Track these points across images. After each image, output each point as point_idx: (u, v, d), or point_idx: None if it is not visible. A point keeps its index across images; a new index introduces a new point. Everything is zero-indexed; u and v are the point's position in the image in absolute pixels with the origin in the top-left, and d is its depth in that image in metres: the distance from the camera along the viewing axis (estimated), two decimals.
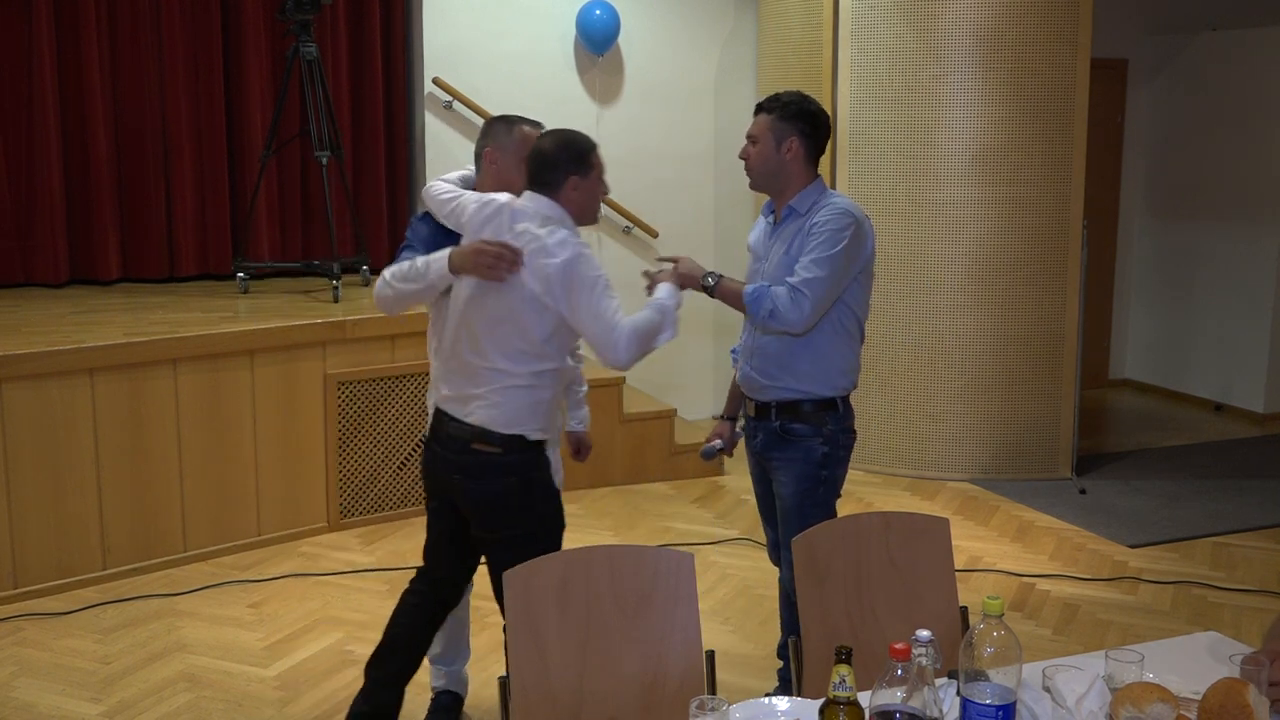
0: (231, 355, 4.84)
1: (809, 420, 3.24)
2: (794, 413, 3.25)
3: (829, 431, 3.24)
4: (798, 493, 3.25)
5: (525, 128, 3.25)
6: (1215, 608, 4.52)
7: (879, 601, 2.57)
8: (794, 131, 3.21)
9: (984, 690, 1.90)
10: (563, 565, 2.36)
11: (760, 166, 3.27)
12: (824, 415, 3.24)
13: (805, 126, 3.22)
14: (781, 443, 3.27)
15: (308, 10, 5.41)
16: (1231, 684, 1.95)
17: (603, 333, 2.90)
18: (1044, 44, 5.82)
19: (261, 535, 5.01)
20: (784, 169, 3.24)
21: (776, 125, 3.22)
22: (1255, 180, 7.25)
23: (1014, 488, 5.89)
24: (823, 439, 3.23)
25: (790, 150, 3.22)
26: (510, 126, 3.26)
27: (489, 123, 3.34)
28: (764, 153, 3.24)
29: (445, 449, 3.05)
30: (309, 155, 6.00)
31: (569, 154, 3.01)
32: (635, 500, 5.71)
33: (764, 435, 3.32)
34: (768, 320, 3.13)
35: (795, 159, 3.23)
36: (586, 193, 3.03)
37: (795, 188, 3.25)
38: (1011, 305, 5.96)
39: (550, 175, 2.99)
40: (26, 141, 5.66)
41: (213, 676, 3.86)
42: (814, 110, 3.25)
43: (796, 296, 3.08)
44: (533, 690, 2.26)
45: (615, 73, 6.74)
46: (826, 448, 3.24)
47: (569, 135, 3.05)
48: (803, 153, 3.23)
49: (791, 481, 3.26)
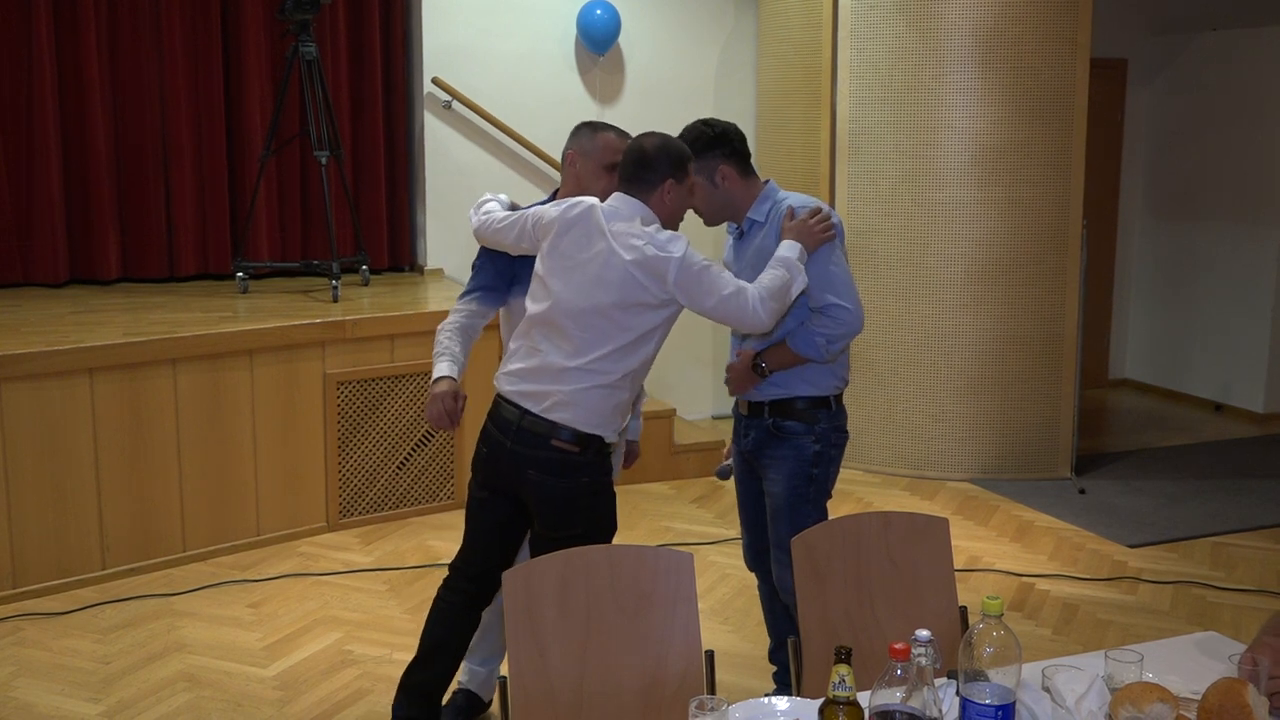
0: (231, 355, 4.84)
1: (802, 418, 3.24)
2: (787, 411, 3.25)
3: (821, 430, 3.24)
4: (789, 490, 3.24)
5: (610, 134, 3.25)
6: (1215, 608, 4.52)
7: (878, 601, 2.57)
8: (717, 159, 3.19)
9: (983, 690, 1.90)
10: (563, 565, 2.36)
11: (709, 208, 3.26)
12: (816, 413, 3.24)
13: (724, 149, 3.20)
14: (773, 441, 3.27)
15: (307, 10, 5.41)
16: (1231, 684, 1.95)
17: (736, 307, 2.91)
18: (1044, 44, 5.82)
19: (261, 535, 5.01)
20: (729, 196, 3.23)
21: (700, 165, 3.16)
22: (1255, 180, 7.25)
23: (1014, 488, 5.89)
24: (814, 437, 3.23)
25: (724, 177, 3.20)
26: (595, 132, 3.26)
27: (576, 127, 3.33)
28: (704, 193, 3.21)
29: (517, 442, 2.99)
30: (309, 155, 6.00)
31: (669, 157, 2.98)
32: (635, 500, 5.71)
33: (755, 433, 3.31)
34: (831, 346, 3.13)
35: (733, 181, 3.22)
36: (678, 200, 3.01)
37: (747, 203, 3.24)
38: (1011, 305, 5.96)
39: (648, 175, 2.97)
40: (26, 141, 5.66)
41: (212, 676, 3.86)
42: (720, 130, 3.22)
43: (833, 311, 3.11)
44: (533, 690, 2.26)
45: (616, 72, 6.74)
46: (818, 446, 3.24)
47: (670, 139, 3.04)
48: (735, 171, 3.22)
49: (782, 479, 3.25)
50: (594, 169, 3.20)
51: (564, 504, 3.00)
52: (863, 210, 6.01)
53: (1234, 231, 7.40)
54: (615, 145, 3.20)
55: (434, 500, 5.46)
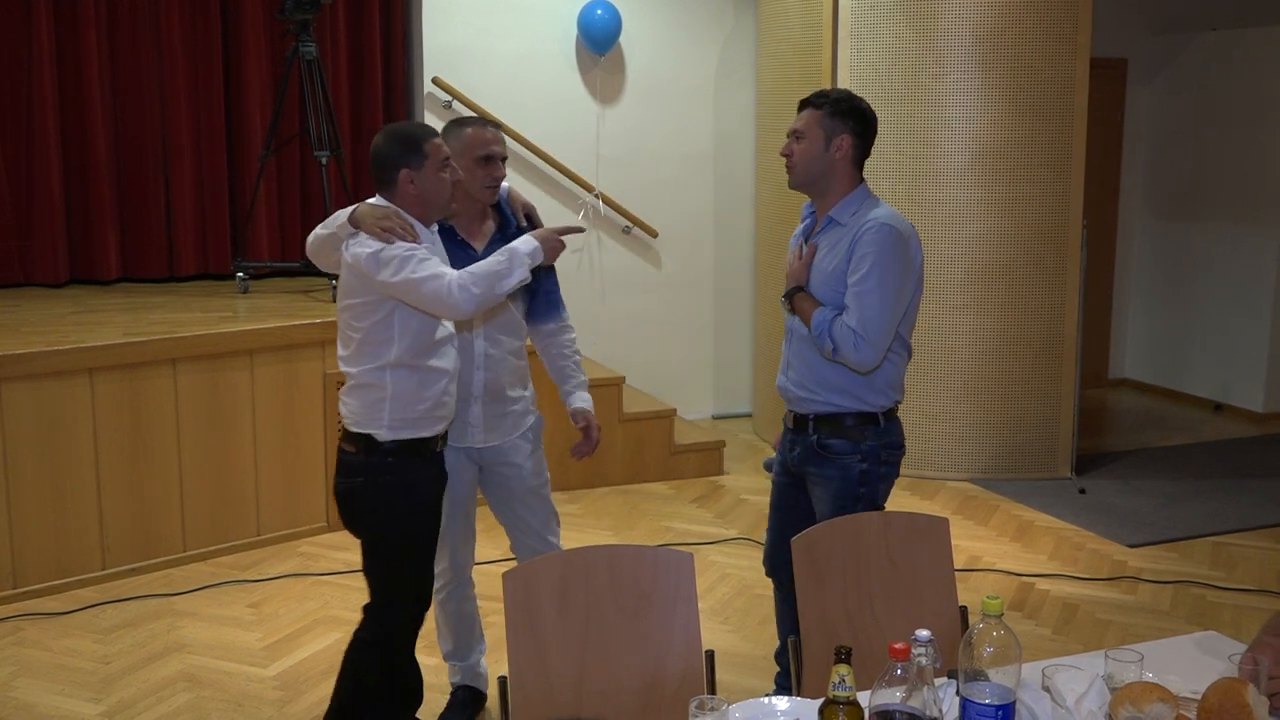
0: (231, 355, 4.84)
1: (848, 435, 3.08)
2: (832, 427, 3.09)
3: (868, 448, 3.07)
4: (834, 510, 3.07)
5: (472, 129, 3.19)
6: (1214, 607, 4.52)
7: (879, 601, 2.57)
8: (845, 129, 3.02)
9: (983, 690, 1.90)
10: (563, 565, 2.36)
11: (806, 165, 3.05)
12: (864, 430, 3.08)
13: (857, 125, 3.04)
14: (818, 459, 3.12)
15: (307, 10, 5.41)
16: (1230, 683, 1.95)
17: (431, 292, 2.79)
18: (1044, 44, 5.82)
19: (261, 535, 5.01)
20: (831, 169, 3.04)
21: (826, 122, 3.01)
22: (1255, 180, 7.26)
23: (1014, 487, 5.89)
24: (861, 456, 3.07)
25: (840, 150, 3.02)
26: (460, 128, 3.20)
27: (444, 127, 3.26)
28: (811, 151, 3.03)
29: None
30: (309, 155, 6.00)
31: (395, 148, 2.92)
32: (635, 500, 5.71)
33: (801, 449, 3.17)
34: (834, 354, 3.01)
35: (844, 160, 3.04)
36: (425, 184, 2.92)
37: (839, 192, 3.06)
38: (1011, 305, 5.96)
39: (384, 174, 2.94)
40: (26, 141, 5.66)
41: (212, 676, 3.86)
42: (866, 109, 3.08)
43: (859, 343, 2.95)
44: (532, 690, 2.26)
45: (616, 72, 6.74)
46: (865, 465, 3.07)
47: (394, 128, 2.98)
48: (852, 153, 3.04)
49: (829, 499, 3.10)
50: (467, 165, 3.14)
51: (343, 504, 3.06)
52: None
53: (1234, 231, 7.40)
54: (484, 137, 3.15)
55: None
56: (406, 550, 3.04)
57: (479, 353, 3.27)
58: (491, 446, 3.35)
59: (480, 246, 3.24)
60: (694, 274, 6.98)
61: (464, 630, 3.57)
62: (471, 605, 3.57)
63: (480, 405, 3.30)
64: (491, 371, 3.29)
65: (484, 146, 3.15)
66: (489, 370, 3.28)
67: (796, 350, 3.17)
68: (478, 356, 3.27)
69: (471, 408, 3.29)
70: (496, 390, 3.31)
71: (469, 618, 3.57)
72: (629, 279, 6.82)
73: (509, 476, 3.39)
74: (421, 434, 3.00)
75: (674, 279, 6.90)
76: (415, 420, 2.98)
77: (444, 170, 2.94)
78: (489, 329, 3.28)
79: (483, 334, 3.27)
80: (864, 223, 3.01)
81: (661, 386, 6.64)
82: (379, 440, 2.97)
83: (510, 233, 3.27)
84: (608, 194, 6.71)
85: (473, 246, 3.24)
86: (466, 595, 3.53)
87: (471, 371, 3.26)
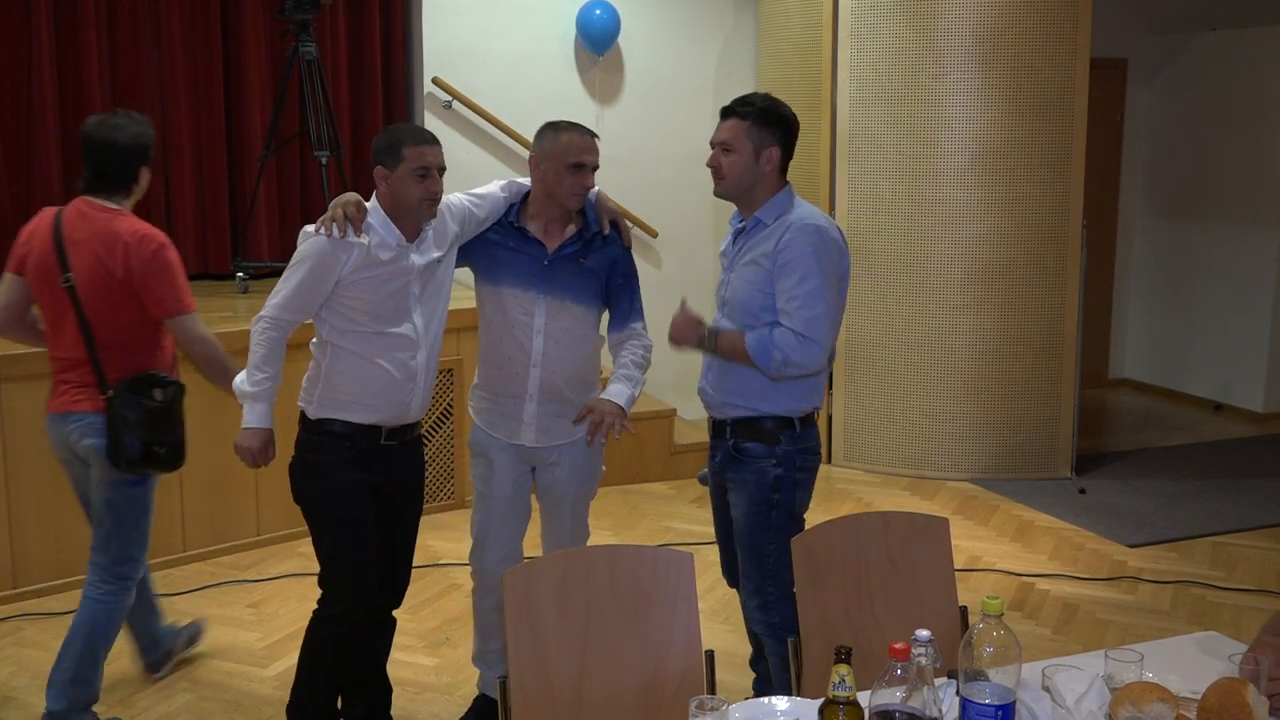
0: (231, 355, 4.82)
1: (763, 440, 3.06)
2: (749, 431, 3.07)
3: (783, 453, 3.05)
4: (749, 515, 3.09)
5: (572, 134, 3.17)
6: (1214, 607, 4.52)
7: (879, 601, 2.57)
8: (773, 140, 3.01)
9: (983, 690, 1.90)
10: (563, 565, 2.36)
11: (736, 178, 3.04)
12: (779, 435, 3.05)
13: (783, 135, 3.03)
14: (735, 463, 3.11)
15: (307, 10, 5.40)
16: (1231, 684, 1.95)
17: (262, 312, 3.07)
18: (1044, 44, 5.82)
19: (260, 535, 5.01)
20: (760, 180, 3.04)
21: (754, 132, 3.00)
22: (1255, 180, 7.26)
23: (1013, 487, 5.89)
24: (775, 460, 3.05)
25: (770, 162, 3.02)
26: (557, 132, 3.18)
27: (540, 129, 3.26)
28: (741, 163, 3.01)
29: None
30: (309, 155, 6.00)
31: (383, 145, 3.02)
32: (635, 500, 5.71)
33: (720, 454, 3.18)
34: (783, 368, 2.93)
35: (773, 170, 3.03)
36: (395, 184, 2.99)
37: (765, 197, 3.06)
38: (1011, 305, 5.96)
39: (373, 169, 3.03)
40: (26, 141, 5.65)
41: (213, 676, 3.86)
42: (789, 115, 3.07)
43: (804, 342, 2.91)
44: (532, 690, 2.26)
45: (615, 72, 6.74)
46: (780, 470, 3.05)
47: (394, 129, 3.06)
48: (779, 162, 3.04)
49: (743, 504, 3.11)
50: (557, 170, 3.14)
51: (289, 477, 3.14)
52: (862, 210, 6.01)
53: (1234, 231, 7.40)
54: (578, 144, 3.14)
55: (434, 500, 5.45)
56: (333, 531, 3.08)
57: (537, 350, 3.21)
58: (543, 447, 3.30)
59: (552, 246, 3.21)
60: (694, 274, 6.97)
61: (489, 639, 3.46)
62: (497, 617, 3.40)
63: (535, 404, 3.24)
64: (549, 370, 3.22)
65: (577, 154, 3.14)
66: (546, 369, 3.22)
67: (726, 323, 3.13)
68: (535, 354, 3.21)
69: (526, 405, 3.24)
70: (553, 390, 3.24)
71: (493, 629, 3.42)
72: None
73: (554, 480, 3.35)
74: (351, 418, 3.04)
75: (674, 279, 6.89)
76: (343, 403, 3.04)
77: (418, 179, 2.97)
78: (550, 327, 3.21)
79: (544, 331, 3.20)
80: (788, 224, 3.00)
81: (661, 386, 6.63)
82: (309, 417, 3.07)
83: (589, 236, 3.25)
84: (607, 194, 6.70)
85: (543, 244, 3.21)
86: (494, 605, 3.37)
87: (528, 369, 3.22)
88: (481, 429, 3.34)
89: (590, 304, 3.27)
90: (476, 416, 3.37)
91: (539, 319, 3.19)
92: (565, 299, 3.21)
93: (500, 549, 3.36)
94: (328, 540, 3.11)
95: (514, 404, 3.24)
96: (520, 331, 3.20)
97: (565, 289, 3.21)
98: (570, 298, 3.21)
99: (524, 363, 3.21)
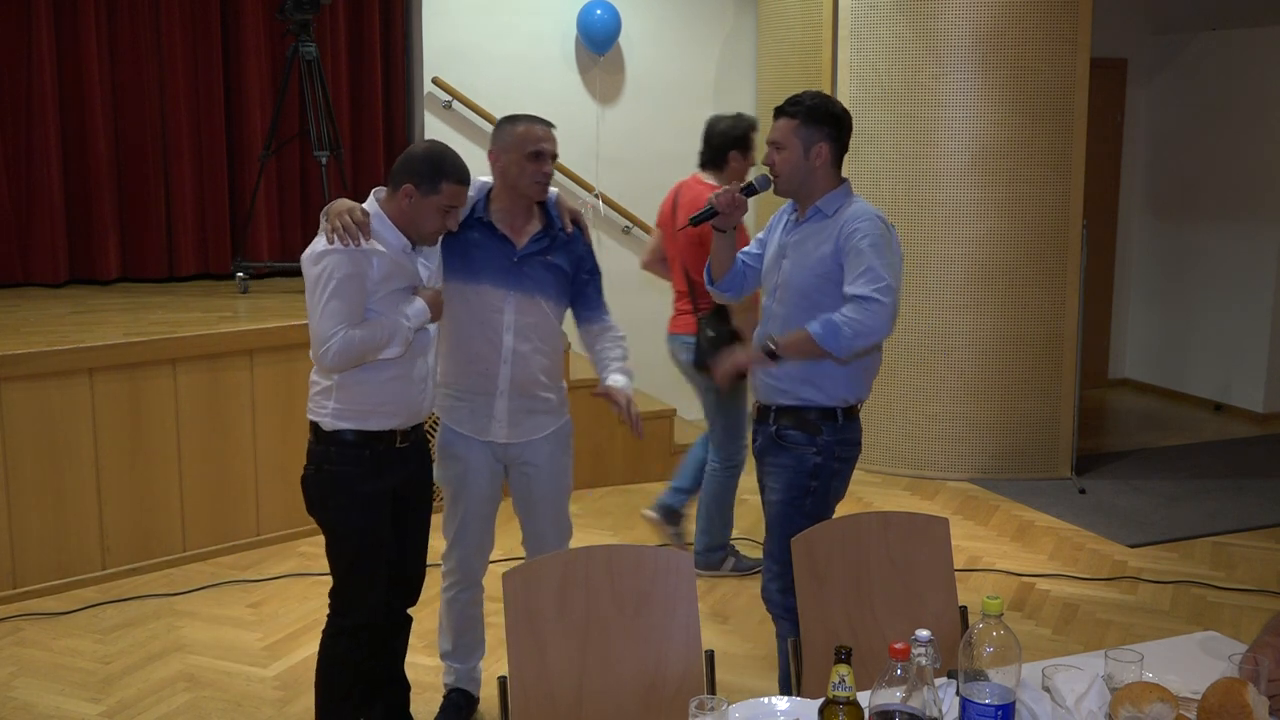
0: (231, 355, 4.83)
1: (806, 428, 3.14)
2: (792, 419, 3.16)
3: (824, 442, 3.13)
4: (784, 500, 3.17)
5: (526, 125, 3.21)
6: (1214, 607, 4.52)
7: (879, 601, 2.57)
8: (821, 136, 3.11)
9: (983, 690, 1.90)
10: (563, 565, 2.36)
11: (790, 174, 3.14)
12: (822, 425, 3.13)
13: (832, 130, 3.12)
14: (775, 448, 3.19)
15: (307, 10, 5.40)
16: (1231, 683, 1.95)
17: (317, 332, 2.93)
18: (1044, 44, 5.82)
19: (261, 535, 5.01)
20: (812, 175, 3.13)
21: (802, 130, 3.10)
22: (1255, 179, 7.25)
23: (1014, 487, 5.89)
24: (816, 449, 3.13)
25: (820, 157, 3.12)
26: (513, 125, 3.23)
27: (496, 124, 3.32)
28: (792, 160, 3.12)
29: None
30: (309, 155, 6.00)
31: (425, 165, 2.96)
32: (635, 500, 5.71)
33: (762, 438, 3.25)
34: (854, 341, 2.97)
35: (824, 165, 3.14)
36: (419, 209, 2.96)
37: (821, 191, 3.15)
38: (1011, 305, 5.96)
39: (399, 175, 2.98)
40: (26, 141, 5.66)
41: (212, 676, 3.86)
42: (839, 112, 3.15)
43: (869, 304, 2.96)
44: (532, 690, 2.26)
45: (616, 72, 6.74)
46: (819, 458, 3.13)
47: (443, 153, 3.00)
48: (830, 157, 3.14)
49: (780, 489, 3.18)
50: (517, 160, 3.17)
51: (302, 491, 3.10)
52: None
53: (1234, 231, 7.40)
54: (536, 134, 3.17)
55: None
56: (354, 542, 3.06)
57: (506, 347, 3.24)
58: (515, 444, 3.33)
59: (521, 243, 3.24)
60: None
61: (465, 632, 3.53)
62: (477, 610, 3.52)
63: (506, 400, 3.27)
64: (518, 367, 3.26)
65: (535, 143, 3.17)
66: (515, 365, 3.25)
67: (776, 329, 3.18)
68: (505, 351, 3.24)
69: (496, 402, 3.27)
70: (523, 386, 3.28)
71: (472, 621, 3.52)
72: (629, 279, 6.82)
73: (528, 476, 3.37)
74: (368, 427, 3.01)
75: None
76: (363, 412, 3.00)
77: (443, 214, 2.98)
78: (519, 324, 3.24)
79: (512, 329, 3.23)
80: (852, 215, 3.10)
81: (661, 386, 6.63)
82: (324, 429, 3.02)
83: (554, 234, 3.28)
84: (607, 194, 6.71)
85: (513, 242, 3.24)
86: (474, 599, 3.49)
87: (498, 365, 3.25)
88: (450, 428, 3.36)
89: (558, 299, 3.32)
90: (444, 415, 3.38)
91: (509, 315, 3.23)
92: (535, 294, 3.25)
93: (477, 539, 3.43)
94: (347, 553, 3.07)
95: (484, 400, 3.27)
96: (490, 328, 3.23)
97: (535, 285, 3.25)
98: (539, 293, 3.26)
99: (494, 359, 3.24)
